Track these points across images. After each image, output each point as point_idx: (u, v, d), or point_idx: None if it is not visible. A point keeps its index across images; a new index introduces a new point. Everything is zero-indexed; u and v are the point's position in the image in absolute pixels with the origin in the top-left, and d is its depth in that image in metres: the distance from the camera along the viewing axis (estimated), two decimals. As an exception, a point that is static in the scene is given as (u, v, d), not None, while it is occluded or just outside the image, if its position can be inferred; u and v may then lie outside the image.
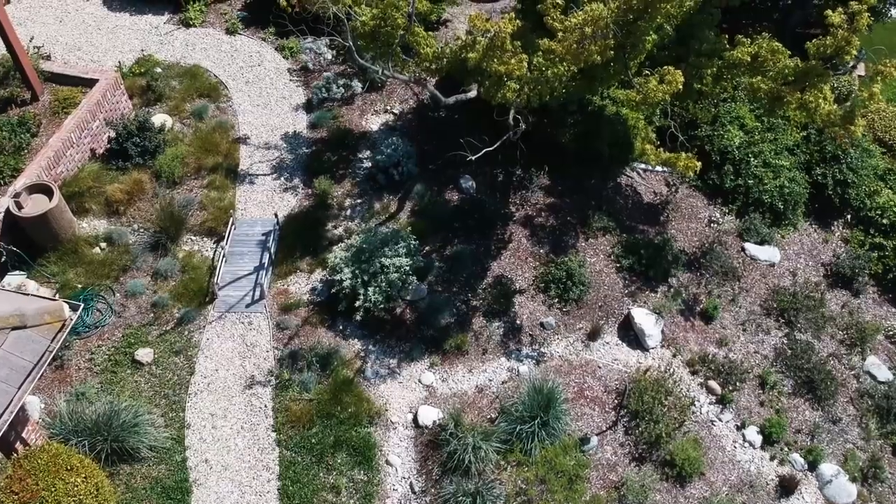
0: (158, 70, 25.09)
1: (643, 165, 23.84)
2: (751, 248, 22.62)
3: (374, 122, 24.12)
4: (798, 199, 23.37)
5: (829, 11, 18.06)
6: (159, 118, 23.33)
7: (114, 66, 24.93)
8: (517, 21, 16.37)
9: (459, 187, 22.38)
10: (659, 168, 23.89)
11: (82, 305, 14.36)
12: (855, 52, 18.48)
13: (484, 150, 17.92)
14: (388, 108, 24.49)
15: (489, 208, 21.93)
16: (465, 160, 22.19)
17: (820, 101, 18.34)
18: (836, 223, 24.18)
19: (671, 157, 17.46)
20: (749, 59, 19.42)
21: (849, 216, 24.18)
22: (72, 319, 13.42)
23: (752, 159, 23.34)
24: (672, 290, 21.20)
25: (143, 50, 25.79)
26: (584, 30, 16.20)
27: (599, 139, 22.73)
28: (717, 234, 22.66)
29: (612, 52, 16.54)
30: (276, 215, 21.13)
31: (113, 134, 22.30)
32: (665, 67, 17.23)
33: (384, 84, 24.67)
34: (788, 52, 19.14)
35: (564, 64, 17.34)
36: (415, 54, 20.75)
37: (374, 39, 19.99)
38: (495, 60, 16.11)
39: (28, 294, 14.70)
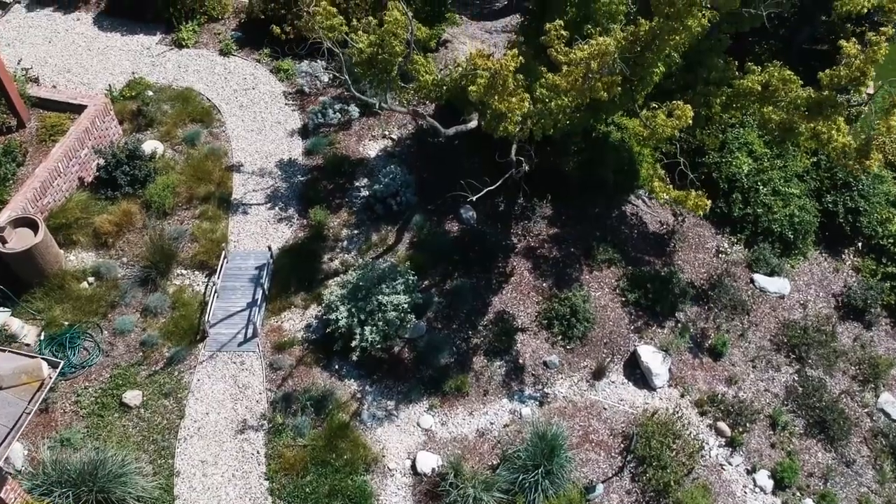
0: (150, 93, 24.38)
1: (648, 193, 23.15)
2: (760, 279, 21.93)
3: (371, 148, 23.42)
4: (808, 227, 22.69)
5: (843, 42, 17.40)
6: (150, 145, 22.62)
7: (104, 90, 24.25)
8: (518, 55, 15.61)
9: (460, 217, 21.67)
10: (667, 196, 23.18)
11: (61, 364, 13.66)
12: (871, 84, 17.84)
13: (485, 190, 17.22)
14: (387, 133, 23.78)
15: (490, 240, 21.23)
16: (463, 190, 21.56)
17: (833, 132, 17.64)
18: (846, 251, 23.48)
19: (680, 194, 16.76)
20: (759, 89, 18.76)
21: (860, 244, 23.49)
22: (51, 377, 12.73)
23: (761, 187, 22.65)
24: (679, 325, 20.51)
25: (134, 72, 25.08)
26: (589, 64, 15.50)
27: (604, 166, 22.06)
28: (725, 265, 21.97)
29: (618, 88, 15.83)
30: (269, 248, 20.43)
31: (102, 162, 21.59)
32: (674, 102, 16.53)
33: (385, 99, 23.94)
34: (800, 82, 18.50)
35: (568, 96, 16.65)
36: (413, 80, 20.11)
37: (371, 67, 19.32)
38: (496, 98, 15.40)
39: (4, 350, 13.98)
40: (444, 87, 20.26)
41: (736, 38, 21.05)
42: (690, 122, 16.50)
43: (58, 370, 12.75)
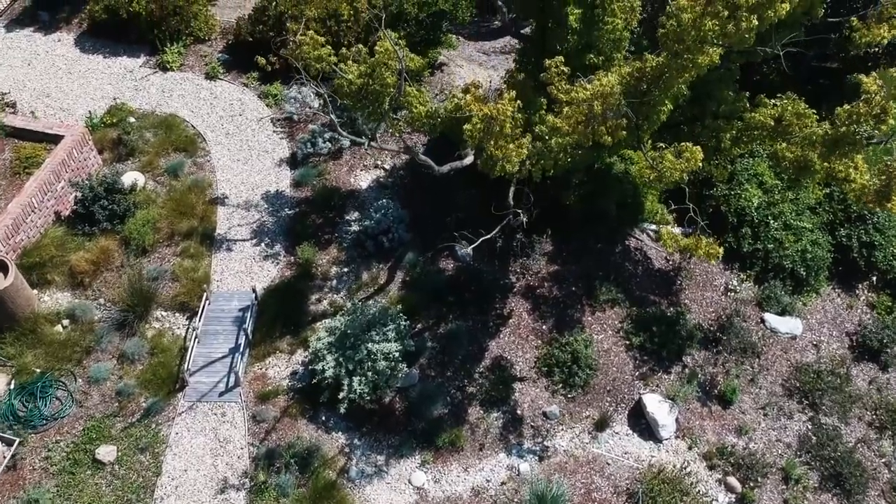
0: (132, 120, 23.33)
1: (653, 227, 22.08)
2: (771, 319, 20.84)
3: (363, 179, 22.35)
4: (821, 263, 21.59)
5: (863, 77, 16.34)
6: (130, 176, 21.56)
7: (84, 115, 23.22)
8: (516, 100, 14.52)
9: (455, 255, 20.60)
10: (675, 230, 22.12)
11: (17, 441, 12.57)
12: (893, 122, 16.77)
13: (479, 241, 16.17)
14: (379, 163, 22.71)
15: (487, 278, 20.17)
16: (460, 223, 20.51)
17: (851, 171, 16.55)
18: (860, 286, 22.38)
19: (690, 242, 15.69)
20: (772, 123, 17.69)
21: (875, 278, 22.39)
22: (6, 457, 11.65)
23: (771, 221, 21.56)
24: (687, 370, 19.43)
25: (115, 97, 24.02)
26: (592, 106, 14.42)
27: (606, 199, 20.96)
28: (734, 304, 20.88)
29: (623, 133, 14.75)
30: (253, 289, 19.36)
31: (79, 195, 20.54)
32: (683, 144, 15.45)
33: (374, 133, 22.89)
34: (816, 116, 17.43)
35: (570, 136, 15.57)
36: (406, 111, 19.08)
37: (361, 98, 18.27)
38: (492, 144, 14.32)
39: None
40: (439, 120, 19.24)
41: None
42: (700, 164, 15.47)
43: (13, 448, 11.62)
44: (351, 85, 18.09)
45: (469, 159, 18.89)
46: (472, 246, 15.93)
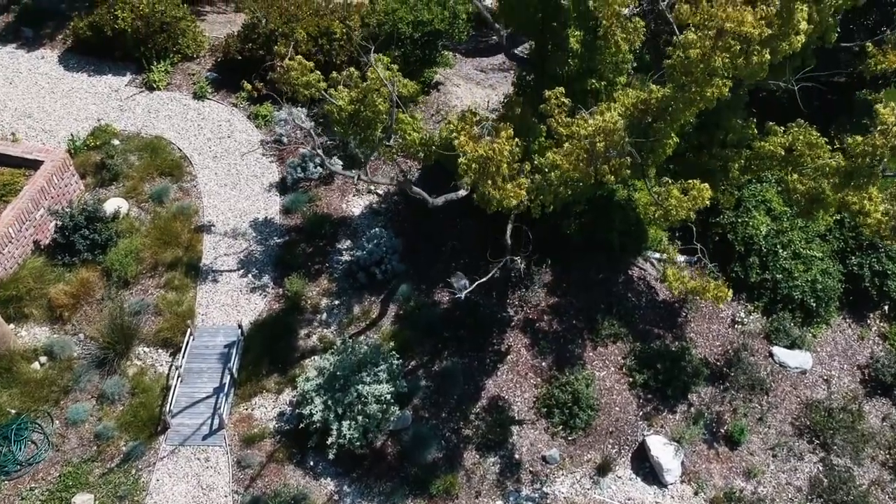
0: (116, 142, 22.48)
1: (657, 255, 21.24)
2: (780, 352, 19.99)
3: (355, 205, 21.50)
4: (832, 294, 20.74)
5: (880, 108, 15.48)
6: (113, 203, 20.71)
7: (66, 137, 22.37)
8: (513, 137, 13.67)
9: (451, 286, 19.74)
10: (679, 258, 21.27)
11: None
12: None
13: (476, 284, 15.34)
14: (372, 188, 21.85)
15: (484, 312, 19.31)
16: (457, 252, 19.72)
17: (866, 203, 15.68)
18: (872, 315, 21.55)
19: (698, 285, 14.82)
20: (782, 152, 16.86)
21: (887, 308, 21.56)
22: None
23: (780, 250, 20.70)
24: (692, 409, 18.60)
25: (100, 118, 23.17)
26: (594, 142, 13.57)
27: (609, 227, 20.14)
28: (741, 337, 20.04)
29: (628, 171, 13.91)
30: (239, 326, 18.52)
31: (60, 223, 19.70)
32: (690, 182, 14.62)
33: (367, 161, 22.06)
34: (828, 147, 16.59)
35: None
36: (399, 138, 18.26)
37: (352, 125, 17.47)
38: (489, 183, 13.48)
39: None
40: (433, 148, 18.41)
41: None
42: (707, 203, 14.65)
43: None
44: (342, 112, 17.29)
45: (464, 191, 18.03)
46: (466, 292, 15.03)
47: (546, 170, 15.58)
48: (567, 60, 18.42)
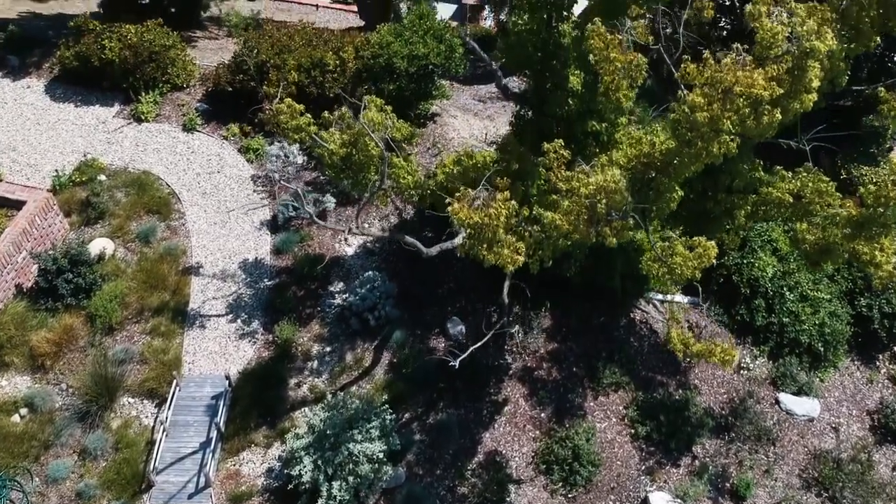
0: (102, 178, 21.82)
1: (660, 296, 20.61)
2: (786, 399, 19.35)
3: (348, 244, 20.83)
4: (840, 337, 20.10)
5: (894, 157, 14.85)
6: (98, 244, 20.05)
7: (51, 172, 21.68)
8: (510, 199, 13.01)
9: (446, 333, 19.12)
10: (681, 298, 20.68)
11: None
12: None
13: (471, 349, 14.68)
14: (366, 225, 21.17)
15: (481, 360, 18.62)
16: (453, 295, 19.11)
17: (877, 254, 15.03)
18: (881, 357, 20.93)
19: (703, 348, 14.17)
20: (790, 199, 16.21)
21: (896, 349, 20.97)
22: None
23: (787, 292, 20.05)
24: (697, 462, 17.95)
25: (86, 153, 22.50)
26: (595, 203, 12.91)
27: (609, 270, 19.44)
28: (747, 384, 19.40)
29: (630, 233, 13.26)
30: (227, 377, 17.87)
31: (42, 266, 19.05)
32: (695, 238, 13.98)
33: (361, 211, 21.42)
34: (839, 195, 15.95)
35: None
36: (394, 183, 17.65)
37: (344, 169, 16.84)
38: (485, 248, 12.83)
39: None
40: (428, 192, 17.78)
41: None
42: (714, 261, 14.00)
43: None
44: (333, 155, 16.65)
45: (461, 238, 17.37)
46: (460, 359, 14.37)
47: (545, 222, 14.90)
48: (567, 100, 17.80)
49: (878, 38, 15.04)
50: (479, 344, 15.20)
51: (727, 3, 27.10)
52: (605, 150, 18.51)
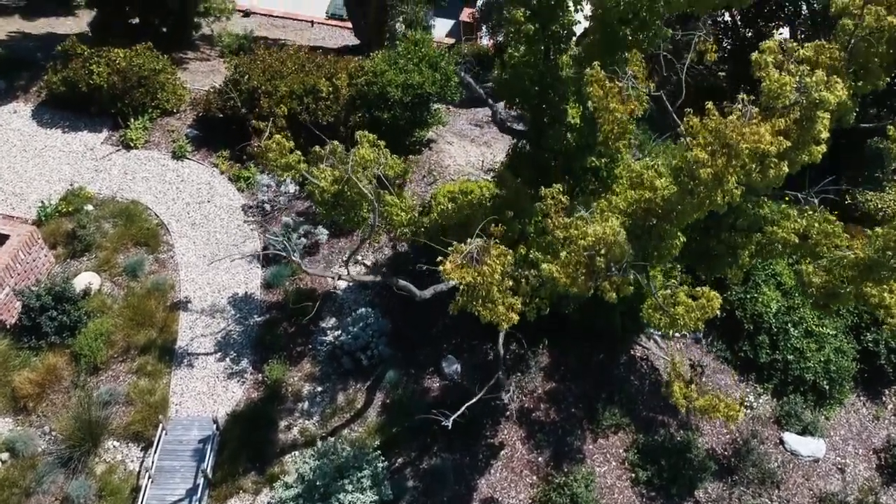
0: (89, 208, 21.28)
1: (660, 332, 20.04)
2: (791, 439, 18.83)
3: (343, 268, 20.26)
4: (846, 374, 19.58)
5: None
6: (84, 278, 19.52)
7: (37, 202, 21.15)
8: (506, 256, 12.46)
9: (441, 372, 18.59)
10: (683, 333, 20.13)
11: None
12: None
13: (465, 406, 14.15)
14: (360, 258, 20.65)
15: (477, 401, 18.06)
16: (448, 331, 18.61)
17: (886, 297, 14.49)
18: (887, 392, 20.42)
19: (708, 401, 13.62)
20: (796, 240, 15.68)
21: (903, 383, 20.42)
22: None
23: (791, 328, 19.54)
24: (699, 508, 17.44)
25: (73, 181, 21.95)
26: (594, 256, 12.37)
27: (609, 309, 18.80)
28: (750, 423, 18.87)
29: (631, 288, 12.72)
30: (215, 420, 17.33)
31: (26, 303, 18.51)
32: (699, 288, 13.45)
33: (352, 258, 20.87)
34: (847, 236, 15.42)
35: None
36: (387, 221, 17.12)
37: (336, 206, 16.32)
38: (479, 304, 12.28)
39: None
40: (422, 229, 17.24)
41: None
42: (717, 312, 13.47)
43: None
44: (324, 193, 16.12)
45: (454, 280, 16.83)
46: (452, 418, 13.86)
47: (542, 273, 14.31)
48: (565, 135, 17.27)
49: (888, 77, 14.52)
50: (471, 402, 14.66)
51: (731, 48, 26.66)
52: (604, 185, 18.04)
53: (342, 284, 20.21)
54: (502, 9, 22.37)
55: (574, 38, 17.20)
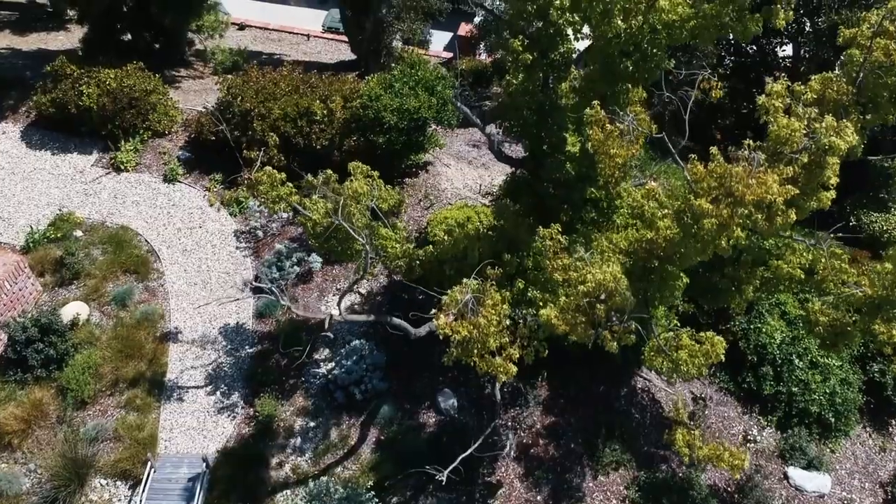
0: (78, 234, 20.84)
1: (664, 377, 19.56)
2: (796, 475, 18.37)
3: (335, 307, 19.79)
4: (851, 406, 19.13)
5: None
6: (72, 308, 19.07)
7: (24, 227, 20.72)
8: (502, 301, 12.00)
9: (437, 407, 18.13)
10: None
11: None
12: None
13: (460, 458, 13.69)
14: (355, 287, 20.15)
15: (474, 436, 17.58)
16: (442, 364, 18.12)
17: (895, 334, 14.03)
18: (894, 423, 19.96)
19: (712, 451, 13.17)
20: (802, 275, 15.21)
21: (910, 414, 19.96)
22: None
23: (796, 360, 19.08)
24: (702, 549, 16.97)
25: (62, 206, 21.50)
26: (594, 303, 11.92)
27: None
28: (754, 458, 18.41)
29: (632, 338, 12.27)
30: (204, 459, 16.87)
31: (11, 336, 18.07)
32: (703, 333, 12.98)
33: (343, 298, 20.33)
34: (854, 272, 14.95)
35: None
36: (381, 254, 16.66)
37: (329, 239, 15.85)
38: (475, 354, 11.84)
39: None
40: (417, 263, 16.78)
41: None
42: (722, 358, 13.00)
43: None
44: (316, 226, 15.66)
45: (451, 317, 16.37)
46: (446, 473, 13.39)
47: (541, 321, 13.83)
48: (564, 164, 16.83)
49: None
50: (466, 453, 14.18)
51: (733, 64, 26.20)
52: (604, 215, 17.59)
53: (336, 313, 19.72)
54: (499, 29, 21.87)
55: (574, 62, 16.75)
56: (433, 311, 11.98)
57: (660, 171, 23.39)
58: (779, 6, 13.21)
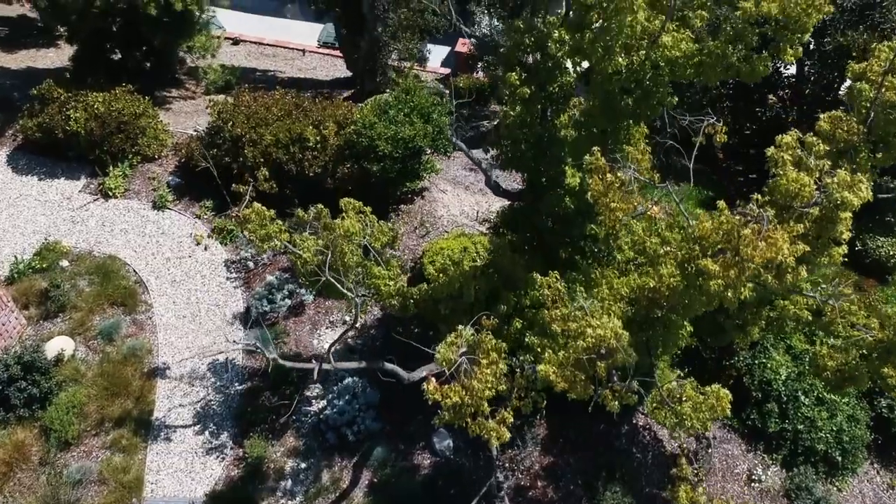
0: (65, 263, 20.30)
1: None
2: (802, 516, 17.86)
3: (328, 340, 19.30)
4: (859, 443, 18.60)
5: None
6: (57, 343, 18.52)
7: (9, 257, 20.18)
8: (498, 373, 11.47)
9: (432, 448, 17.59)
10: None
11: None
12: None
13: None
14: (348, 318, 19.66)
15: (470, 477, 17.13)
16: (437, 406, 17.56)
17: (906, 381, 13.50)
18: (902, 458, 19.44)
19: (715, 509, 12.66)
20: (810, 317, 14.69)
21: (917, 449, 19.43)
22: None
23: (801, 396, 18.55)
24: None
25: (48, 234, 20.96)
26: (594, 360, 11.38)
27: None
28: (759, 498, 17.89)
29: (634, 398, 11.74)
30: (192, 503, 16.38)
31: (-7, 372, 17.54)
32: (708, 387, 12.46)
33: (331, 352, 19.79)
34: (864, 314, 14.42)
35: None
36: (374, 292, 16.12)
37: (320, 277, 15.32)
38: (468, 419, 11.30)
39: None
40: (411, 301, 16.25)
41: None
42: (728, 412, 12.48)
43: None
44: (307, 264, 15.12)
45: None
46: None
47: (538, 376, 13.26)
48: (563, 198, 16.30)
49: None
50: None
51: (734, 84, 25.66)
52: (605, 250, 17.06)
53: (328, 347, 19.18)
54: (495, 47, 21.26)
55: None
56: (430, 352, 11.42)
57: (661, 196, 22.86)
58: (786, 45, 12.68)
